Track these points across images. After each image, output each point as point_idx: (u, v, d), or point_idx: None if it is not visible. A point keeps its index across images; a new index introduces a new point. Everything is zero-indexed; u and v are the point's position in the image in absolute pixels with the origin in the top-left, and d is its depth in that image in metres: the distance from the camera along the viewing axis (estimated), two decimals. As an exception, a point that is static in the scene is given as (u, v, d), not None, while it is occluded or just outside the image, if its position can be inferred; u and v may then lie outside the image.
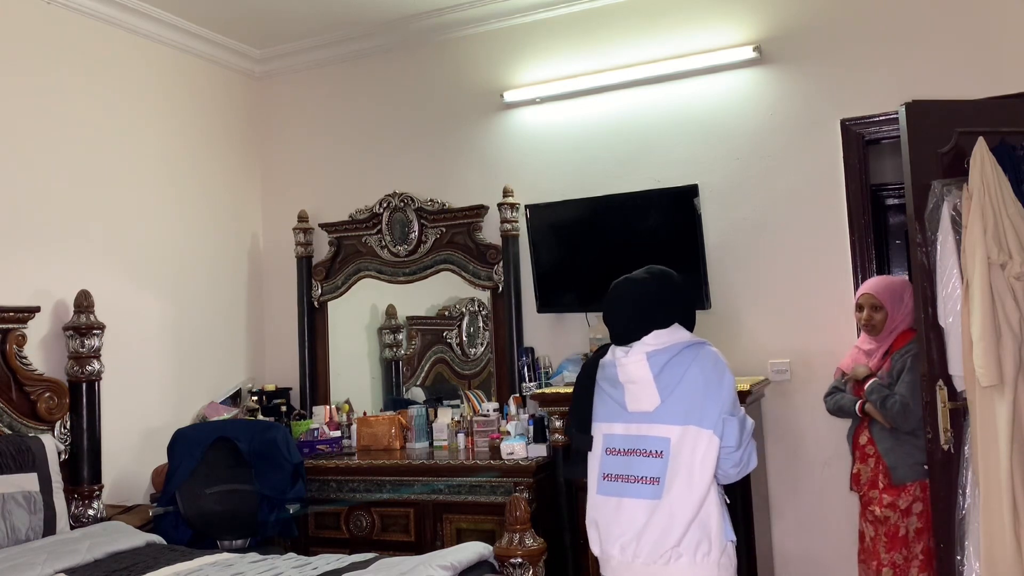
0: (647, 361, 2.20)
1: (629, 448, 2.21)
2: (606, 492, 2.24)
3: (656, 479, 2.15)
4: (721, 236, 3.93)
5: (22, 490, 3.20)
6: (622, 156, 4.16)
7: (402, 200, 4.53)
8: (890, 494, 3.14)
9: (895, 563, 3.15)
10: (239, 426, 3.90)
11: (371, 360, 4.75)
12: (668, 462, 2.15)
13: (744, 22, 3.95)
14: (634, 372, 2.21)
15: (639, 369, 2.20)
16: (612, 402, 2.27)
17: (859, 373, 3.26)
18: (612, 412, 2.27)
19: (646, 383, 2.20)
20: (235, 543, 3.61)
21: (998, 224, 2.70)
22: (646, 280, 2.31)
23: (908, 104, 2.94)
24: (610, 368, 2.29)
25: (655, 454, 2.17)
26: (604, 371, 2.32)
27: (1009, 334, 2.68)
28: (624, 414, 2.24)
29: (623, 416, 2.24)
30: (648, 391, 2.19)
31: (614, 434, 2.25)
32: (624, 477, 2.20)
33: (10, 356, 3.45)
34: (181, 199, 4.48)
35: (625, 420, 2.24)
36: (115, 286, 4.01)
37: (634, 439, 2.21)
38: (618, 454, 2.23)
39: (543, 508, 3.67)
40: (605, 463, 2.26)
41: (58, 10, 3.87)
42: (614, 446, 2.25)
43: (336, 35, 4.71)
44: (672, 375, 2.19)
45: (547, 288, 4.15)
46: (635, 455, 2.20)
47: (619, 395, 2.25)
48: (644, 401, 2.20)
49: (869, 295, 3.29)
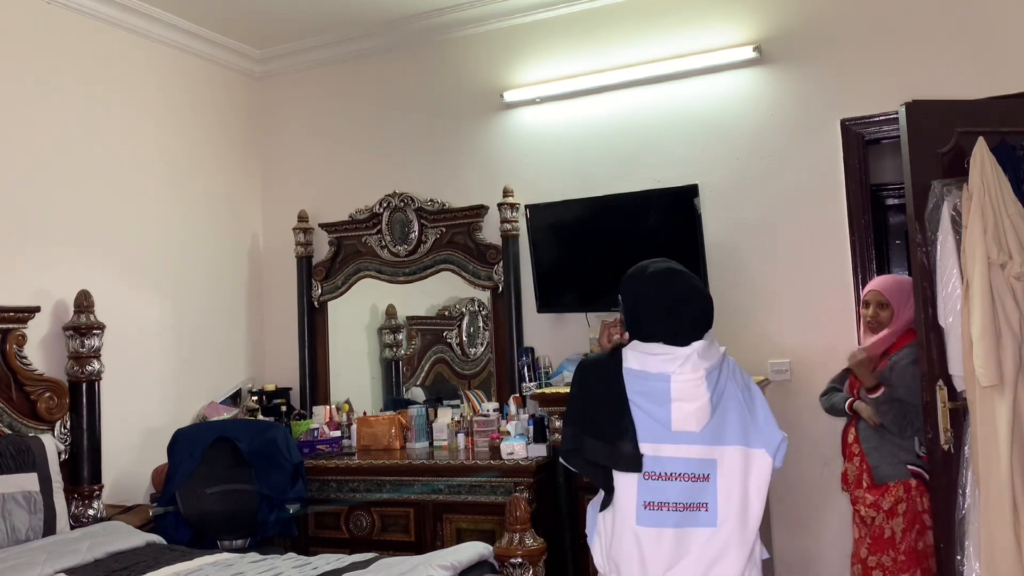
0: (705, 380, 1.98)
1: (672, 472, 1.98)
2: (650, 523, 1.98)
3: (705, 505, 1.96)
4: (721, 236, 3.93)
5: (22, 490, 3.20)
6: (622, 156, 4.16)
7: (402, 200, 4.53)
8: (872, 493, 3.09)
9: (883, 565, 3.06)
10: (239, 426, 3.90)
11: (371, 360, 4.75)
12: (717, 486, 1.97)
13: (744, 22, 3.95)
14: (692, 391, 1.97)
15: (698, 389, 1.97)
16: (649, 419, 2.00)
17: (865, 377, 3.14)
18: (649, 431, 2.00)
19: (700, 403, 1.97)
20: (235, 543, 3.61)
21: (998, 224, 2.70)
22: (694, 276, 2.12)
23: (908, 104, 2.94)
24: (652, 382, 2.01)
25: (702, 478, 1.97)
26: (639, 382, 2.03)
27: (1009, 334, 2.68)
28: (667, 434, 1.99)
29: (665, 436, 1.99)
30: (701, 411, 1.97)
31: (658, 456, 1.99)
32: (672, 505, 1.97)
33: (10, 356, 3.45)
34: (181, 199, 4.48)
35: (669, 441, 1.99)
36: (115, 286, 4.01)
37: (679, 462, 1.98)
38: (658, 479, 1.98)
39: (543, 508, 3.67)
40: (644, 489, 1.99)
41: (58, 10, 3.87)
42: (655, 470, 1.99)
43: (336, 35, 4.71)
44: (719, 391, 2.01)
45: (547, 288, 4.16)
46: (679, 480, 1.98)
47: (663, 413, 1.99)
48: (691, 421, 1.98)
49: (876, 292, 3.27)
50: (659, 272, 2.11)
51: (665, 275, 2.10)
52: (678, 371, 1.99)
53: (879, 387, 3.11)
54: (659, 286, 2.08)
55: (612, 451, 2.00)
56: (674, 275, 2.11)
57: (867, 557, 3.11)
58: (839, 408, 3.28)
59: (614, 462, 2.01)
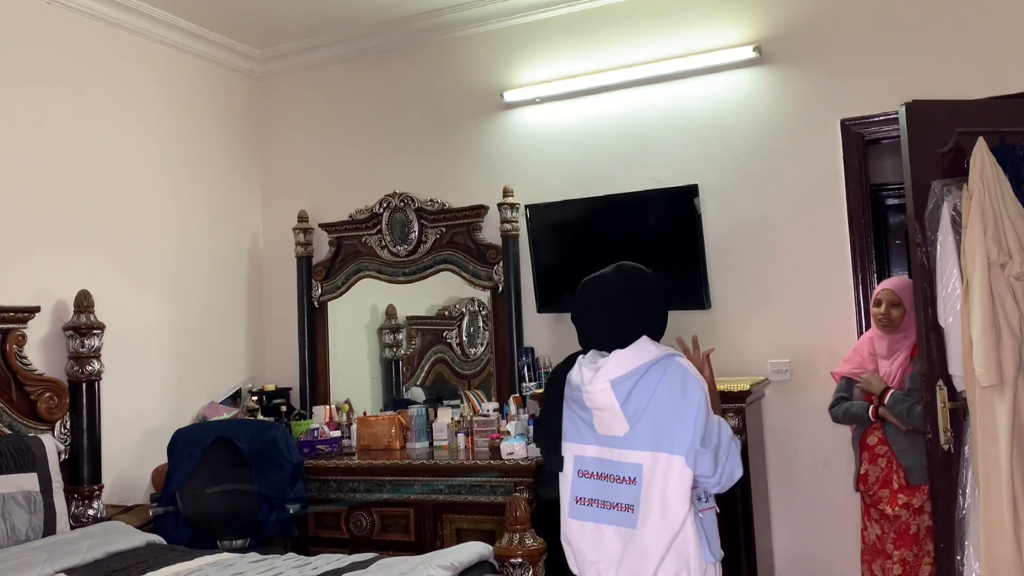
0: (612, 390, 2.04)
1: (602, 472, 2.09)
2: (579, 516, 2.13)
3: (631, 507, 2.03)
4: (721, 236, 3.93)
5: (22, 490, 3.20)
6: (622, 156, 4.16)
7: (402, 200, 4.53)
8: (906, 494, 3.17)
9: (905, 560, 3.18)
10: (239, 426, 3.90)
11: (371, 360, 4.75)
12: (642, 489, 2.03)
13: (744, 22, 3.95)
14: (600, 400, 2.06)
15: (605, 398, 2.05)
16: (582, 423, 2.13)
17: (874, 387, 3.23)
18: (582, 433, 2.13)
19: (613, 412, 2.05)
20: (235, 543, 3.61)
21: (998, 224, 2.70)
22: (617, 283, 2.15)
23: (908, 104, 2.94)
24: (576, 391, 2.13)
25: (628, 480, 2.05)
26: (571, 390, 2.15)
27: (1009, 334, 2.68)
28: (595, 436, 2.11)
29: (594, 438, 2.11)
30: (617, 419, 2.05)
31: (586, 456, 2.12)
32: (599, 502, 2.09)
33: (10, 356, 3.45)
34: (181, 199, 4.48)
35: (597, 443, 2.10)
36: (115, 286, 4.01)
37: (607, 463, 2.08)
38: (590, 477, 2.11)
39: (543, 508, 3.66)
40: (577, 486, 2.14)
41: (58, 10, 3.87)
42: (586, 468, 2.12)
43: (336, 35, 4.71)
44: (640, 399, 2.03)
45: (547, 288, 4.16)
46: (608, 480, 2.08)
47: (588, 417, 2.11)
48: (614, 427, 2.06)
49: (889, 291, 3.28)
50: (590, 279, 2.19)
51: (586, 284, 2.19)
52: (589, 382, 2.07)
53: (888, 391, 3.19)
54: (576, 295, 2.20)
55: (552, 457, 2.19)
56: (591, 283, 2.17)
57: (892, 552, 3.20)
58: (861, 416, 3.29)
59: (549, 463, 2.21)
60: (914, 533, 3.18)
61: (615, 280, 2.16)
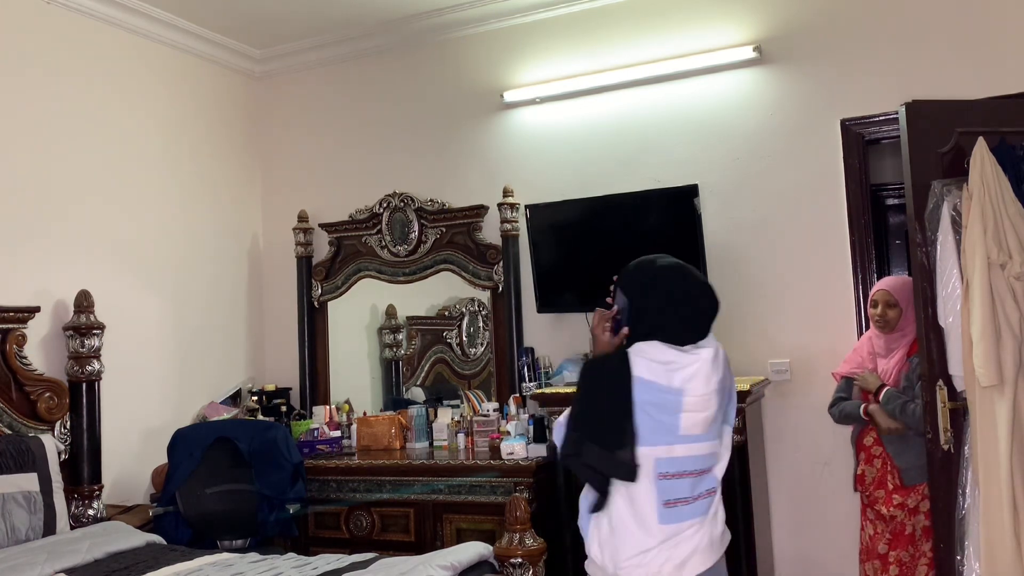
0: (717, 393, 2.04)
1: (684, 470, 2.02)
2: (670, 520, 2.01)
3: (713, 490, 2.07)
4: (721, 236, 3.93)
5: (22, 490, 3.20)
6: (622, 156, 4.16)
7: (402, 200, 4.53)
8: (900, 494, 3.17)
9: (901, 561, 3.18)
10: (239, 426, 3.90)
11: (371, 360, 4.75)
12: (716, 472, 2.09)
13: (744, 22, 3.95)
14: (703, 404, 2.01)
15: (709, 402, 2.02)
16: (658, 425, 2.00)
17: (871, 384, 3.23)
18: (660, 435, 2.01)
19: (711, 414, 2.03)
20: (235, 543, 3.61)
21: (998, 224, 2.70)
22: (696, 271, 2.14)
23: (908, 104, 2.94)
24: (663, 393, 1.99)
25: (707, 471, 2.07)
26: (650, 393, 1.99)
27: (1009, 334, 2.68)
28: (676, 436, 2.01)
29: (676, 438, 2.01)
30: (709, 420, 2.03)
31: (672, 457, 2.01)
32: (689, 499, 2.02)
33: (10, 356, 3.45)
34: (181, 199, 4.48)
35: (681, 442, 2.02)
36: (115, 286, 4.01)
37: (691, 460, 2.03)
38: (677, 477, 2.02)
39: (543, 508, 3.67)
40: (664, 489, 2.01)
41: (58, 10, 3.87)
42: (672, 470, 2.01)
43: (336, 35, 4.71)
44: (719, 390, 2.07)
45: (547, 288, 4.15)
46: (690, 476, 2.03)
47: (672, 420, 2.00)
48: (700, 427, 2.03)
49: (885, 291, 3.28)
50: (671, 266, 2.11)
51: (678, 269, 2.11)
52: (690, 387, 2.00)
53: (883, 388, 3.19)
54: (673, 280, 2.08)
55: (609, 458, 2.00)
56: (687, 269, 2.12)
57: (887, 553, 3.20)
58: (854, 415, 3.30)
59: (609, 469, 2.01)
60: (909, 533, 3.17)
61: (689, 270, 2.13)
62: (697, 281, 2.11)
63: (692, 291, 2.08)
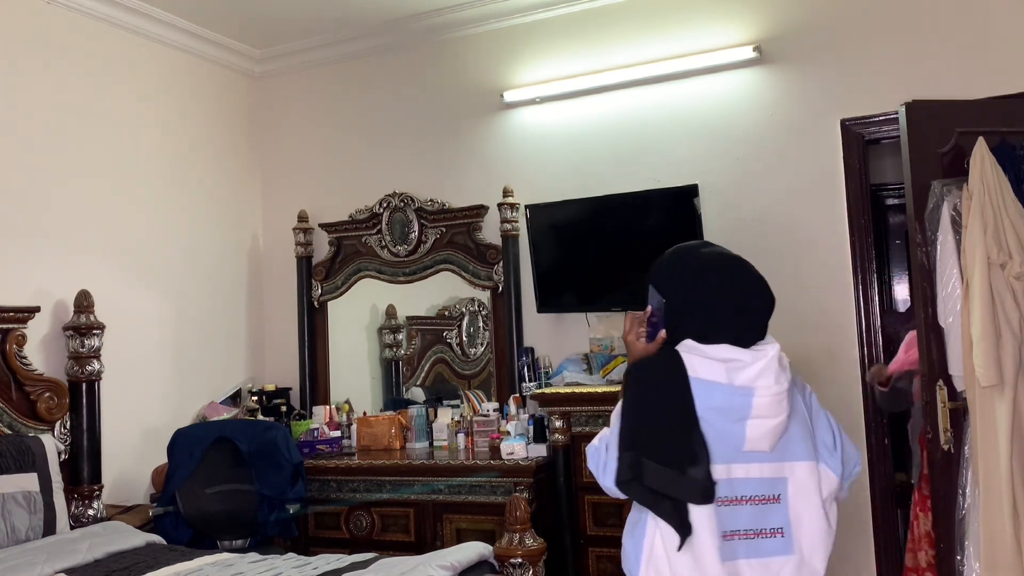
0: (788, 393, 1.70)
1: (743, 496, 1.69)
2: (729, 556, 1.66)
3: (780, 530, 1.69)
4: (721, 236, 3.89)
5: (22, 490, 3.20)
6: (622, 156, 4.16)
7: (402, 200, 4.53)
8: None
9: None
10: (239, 426, 3.90)
11: (371, 360, 4.75)
12: (789, 508, 1.70)
13: (744, 22, 3.95)
14: (775, 407, 1.67)
15: (781, 404, 1.68)
16: (719, 437, 1.68)
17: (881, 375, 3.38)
18: (721, 451, 1.68)
19: (781, 421, 1.68)
20: (235, 543, 3.61)
21: (998, 224, 2.70)
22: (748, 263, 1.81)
23: (908, 104, 2.94)
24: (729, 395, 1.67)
25: (772, 499, 1.69)
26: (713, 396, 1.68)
27: (1009, 334, 2.68)
28: (738, 454, 1.68)
29: (737, 455, 1.69)
30: (779, 430, 1.69)
31: (731, 479, 1.69)
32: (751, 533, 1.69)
33: (10, 356, 3.45)
34: (181, 199, 4.47)
35: (741, 460, 1.69)
36: (115, 286, 4.01)
37: (752, 483, 1.69)
38: (731, 503, 1.68)
39: (543, 508, 3.67)
40: (724, 518, 1.67)
41: (58, 10, 3.87)
42: (728, 494, 1.68)
43: (336, 35, 4.71)
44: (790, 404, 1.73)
45: (547, 288, 4.15)
46: (750, 503, 1.69)
47: (737, 431, 1.67)
48: (767, 440, 1.68)
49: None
50: (719, 257, 1.79)
51: (729, 261, 1.79)
52: (762, 384, 1.67)
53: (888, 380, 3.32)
54: (724, 274, 1.76)
55: (680, 479, 1.64)
56: (739, 261, 1.80)
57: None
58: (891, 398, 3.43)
59: (683, 492, 1.64)
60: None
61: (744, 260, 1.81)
62: (753, 275, 1.79)
63: (749, 290, 1.77)
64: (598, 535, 3.65)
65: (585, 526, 3.69)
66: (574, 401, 3.70)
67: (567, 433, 3.70)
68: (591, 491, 3.62)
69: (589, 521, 3.68)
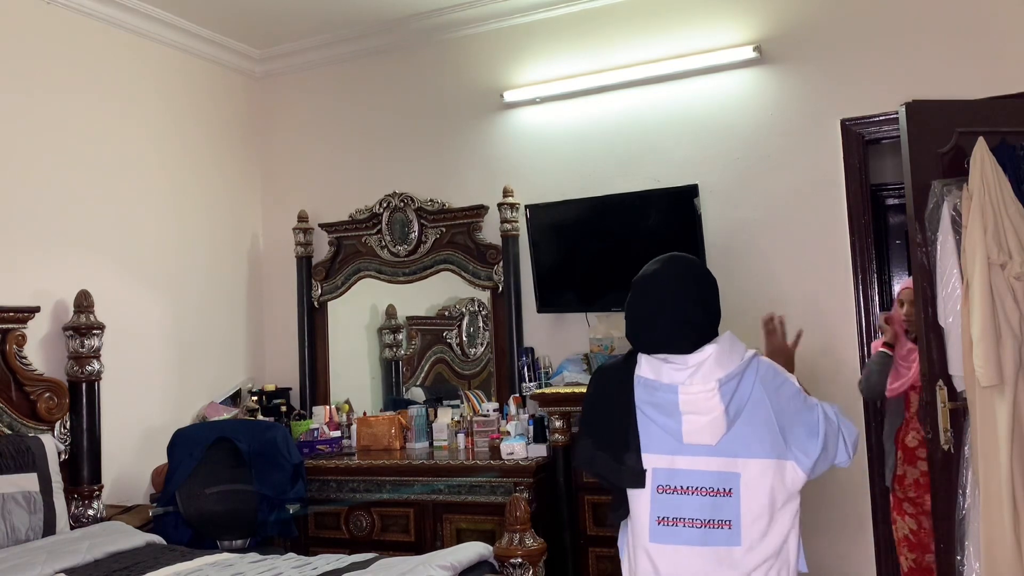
0: (719, 392, 1.78)
1: (688, 486, 1.81)
2: (662, 539, 1.82)
3: (728, 522, 1.79)
4: (721, 236, 3.93)
5: (22, 490, 3.20)
6: (622, 156, 4.16)
7: (402, 200, 4.53)
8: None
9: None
10: (239, 426, 3.90)
11: (371, 360, 4.75)
12: (741, 502, 1.79)
13: (744, 22, 3.95)
14: (703, 404, 1.79)
15: (710, 402, 1.78)
16: (660, 431, 1.83)
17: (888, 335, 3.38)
18: (662, 443, 1.82)
19: (715, 417, 1.78)
20: (235, 543, 3.61)
21: (998, 224, 2.70)
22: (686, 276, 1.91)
23: (908, 104, 2.94)
24: (661, 392, 1.82)
25: (723, 492, 1.80)
26: (648, 393, 1.84)
27: (1009, 334, 2.67)
28: (679, 446, 1.81)
29: (677, 448, 1.82)
30: (715, 425, 1.79)
31: (672, 468, 1.82)
32: (686, 521, 1.80)
33: (10, 356, 3.45)
34: (181, 199, 4.48)
35: (684, 452, 1.81)
36: (115, 286, 4.01)
37: (696, 475, 1.81)
38: (675, 492, 1.81)
39: (543, 508, 3.67)
40: (658, 504, 1.82)
41: (58, 10, 3.87)
42: (671, 483, 1.82)
43: (336, 35, 4.71)
44: (739, 401, 1.80)
45: (547, 288, 4.15)
46: (696, 494, 1.81)
47: (674, 425, 1.81)
48: (707, 433, 1.79)
49: (911, 290, 3.25)
50: (644, 275, 1.93)
51: (646, 280, 1.92)
52: (687, 382, 1.80)
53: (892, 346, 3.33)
54: (637, 291, 1.92)
55: (616, 465, 1.85)
56: (654, 280, 1.91)
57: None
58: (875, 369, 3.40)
59: (617, 477, 1.85)
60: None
61: (683, 273, 1.92)
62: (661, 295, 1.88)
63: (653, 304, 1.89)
64: (598, 535, 3.65)
65: (585, 526, 3.69)
66: (574, 401, 3.70)
67: (567, 433, 3.70)
68: (591, 491, 3.63)
69: (589, 521, 3.68)
